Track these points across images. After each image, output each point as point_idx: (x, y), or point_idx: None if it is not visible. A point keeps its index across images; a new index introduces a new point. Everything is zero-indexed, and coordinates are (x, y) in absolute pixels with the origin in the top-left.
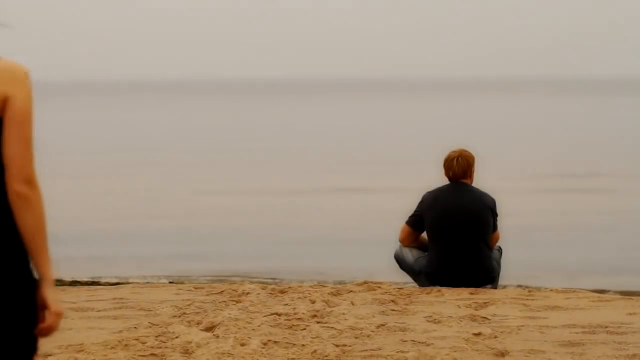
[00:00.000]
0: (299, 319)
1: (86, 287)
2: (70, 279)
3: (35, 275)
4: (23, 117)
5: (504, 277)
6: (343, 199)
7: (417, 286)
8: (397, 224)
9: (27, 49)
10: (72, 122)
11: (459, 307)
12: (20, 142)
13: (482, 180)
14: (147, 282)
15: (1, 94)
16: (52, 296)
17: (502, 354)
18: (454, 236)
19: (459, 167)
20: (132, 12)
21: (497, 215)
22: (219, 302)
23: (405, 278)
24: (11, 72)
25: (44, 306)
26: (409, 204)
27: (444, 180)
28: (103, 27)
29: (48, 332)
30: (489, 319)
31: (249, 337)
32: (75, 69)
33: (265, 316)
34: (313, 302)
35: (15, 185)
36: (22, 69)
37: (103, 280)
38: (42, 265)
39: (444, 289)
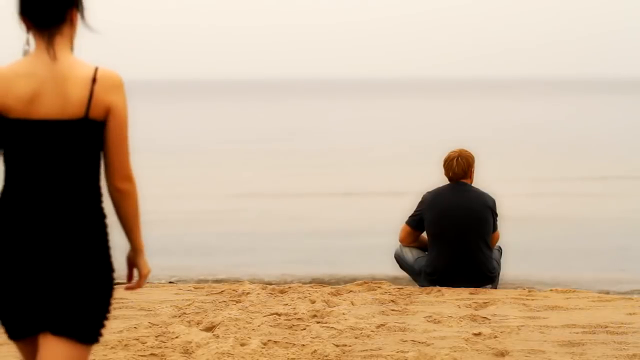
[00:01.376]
0: (299, 319)
1: None
2: None
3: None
4: (123, 122)
5: (504, 277)
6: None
7: (417, 286)
8: (397, 224)
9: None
10: None
11: (459, 307)
12: (120, 144)
13: (490, 182)
14: (147, 282)
15: (106, 102)
16: (143, 260)
17: (502, 354)
18: (454, 236)
19: (459, 167)
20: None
21: (497, 215)
22: (219, 302)
23: (405, 278)
24: (112, 81)
25: (134, 265)
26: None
27: (444, 181)
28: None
29: (136, 287)
30: (489, 319)
31: (249, 337)
32: None
33: (265, 316)
34: (313, 302)
35: (116, 182)
36: (119, 77)
37: None
38: (136, 241)
39: (444, 289)
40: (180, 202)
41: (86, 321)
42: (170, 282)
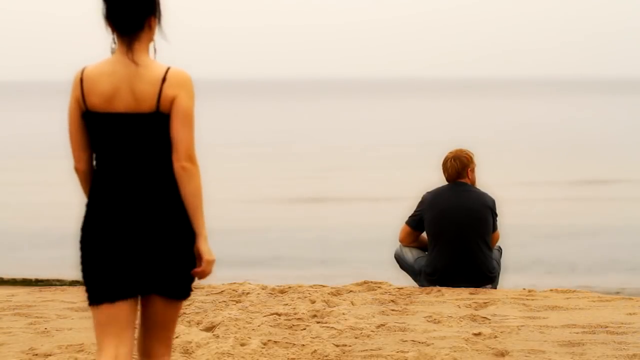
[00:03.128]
0: (299, 319)
1: None
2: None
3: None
4: (187, 111)
5: (504, 277)
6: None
7: (417, 286)
8: (397, 224)
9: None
10: None
11: (459, 307)
12: (185, 130)
13: (490, 183)
14: None
15: (172, 95)
16: (205, 248)
17: (502, 354)
18: (453, 236)
19: (452, 168)
20: None
21: (497, 215)
22: (219, 302)
23: (405, 278)
24: (178, 79)
25: (199, 255)
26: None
27: (444, 181)
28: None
29: (202, 275)
30: (489, 319)
31: (249, 337)
32: None
33: (265, 316)
34: (313, 302)
35: (181, 162)
36: (186, 75)
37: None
38: (198, 224)
39: (444, 289)
40: None
41: (179, 282)
42: None
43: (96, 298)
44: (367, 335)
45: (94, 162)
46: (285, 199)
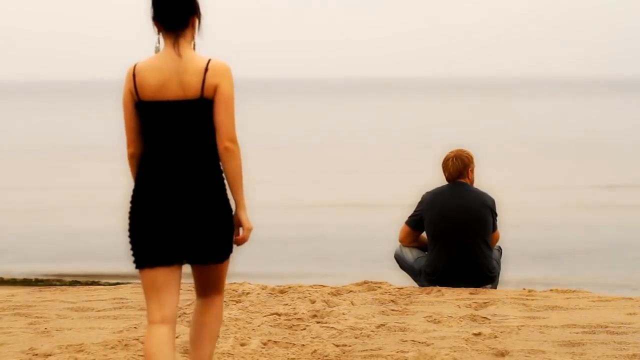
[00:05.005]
0: (299, 319)
1: (86, 287)
2: (70, 280)
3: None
4: (228, 97)
5: (504, 277)
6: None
7: (417, 286)
8: (397, 224)
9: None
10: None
11: (459, 307)
12: (227, 114)
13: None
14: None
15: (214, 83)
16: (245, 217)
17: (502, 354)
18: (453, 236)
19: (454, 167)
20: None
21: (496, 215)
22: None
23: (405, 278)
24: (219, 69)
25: (239, 224)
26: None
27: (444, 181)
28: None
29: (242, 242)
30: (489, 319)
31: (249, 337)
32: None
33: (265, 316)
34: (313, 302)
35: (224, 143)
36: (225, 65)
37: (103, 280)
38: (239, 196)
39: (444, 289)
40: None
41: (225, 247)
42: None
43: (141, 263)
44: (367, 335)
45: (144, 147)
46: (286, 199)
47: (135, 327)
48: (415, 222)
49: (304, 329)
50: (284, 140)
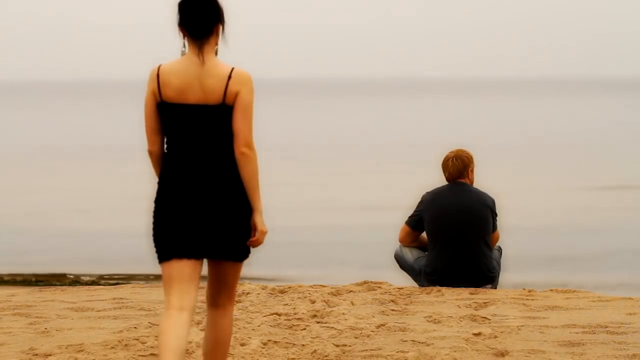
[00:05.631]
0: (299, 319)
1: (86, 287)
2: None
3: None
4: (247, 105)
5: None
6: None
7: (417, 286)
8: (397, 224)
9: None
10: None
11: (459, 307)
12: (245, 121)
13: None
14: (147, 282)
15: (236, 90)
16: (260, 220)
17: (502, 354)
18: (453, 236)
19: (454, 167)
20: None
21: (496, 215)
22: None
23: (405, 278)
24: (242, 77)
25: (254, 226)
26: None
27: (444, 181)
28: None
29: (256, 244)
30: (489, 319)
31: (249, 337)
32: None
33: (265, 316)
34: (313, 302)
35: (240, 149)
36: (248, 74)
37: (103, 280)
38: (255, 200)
39: (444, 289)
40: None
41: (238, 247)
42: None
43: (163, 256)
44: (367, 335)
45: (166, 146)
46: (288, 199)
47: (135, 327)
48: (415, 222)
49: (304, 329)
50: (286, 141)
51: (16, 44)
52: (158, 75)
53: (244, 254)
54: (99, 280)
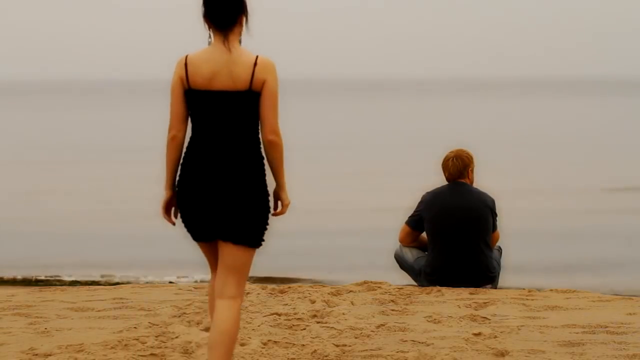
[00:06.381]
0: (299, 319)
1: (86, 287)
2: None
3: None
4: (273, 93)
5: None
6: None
7: (417, 286)
8: (397, 224)
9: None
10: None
11: (459, 307)
12: (271, 108)
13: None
14: (147, 282)
15: (262, 78)
16: (284, 195)
17: (502, 354)
18: (453, 236)
19: (454, 167)
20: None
21: (496, 215)
22: None
23: (405, 278)
24: (267, 65)
25: (278, 199)
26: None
27: (444, 181)
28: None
29: (280, 214)
30: (489, 319)
31: (249, 337)
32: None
33: (265, 316)
34: (313, 302)
35: (268, 135)
36: (272, 62)
37: (103, 280)
38: (280, 179)
39: (444, 289)
40: None
41: (253, 232)
42: (170, 282)
43: (193, 237)
44: (367, 335)
45: (191, 132)
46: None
47: (135, 327)
48: (415, 222)
49: (304, 329)
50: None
51: (66, 43)
52: (186, 64)
53: (256, 239)
54: (99, 280)
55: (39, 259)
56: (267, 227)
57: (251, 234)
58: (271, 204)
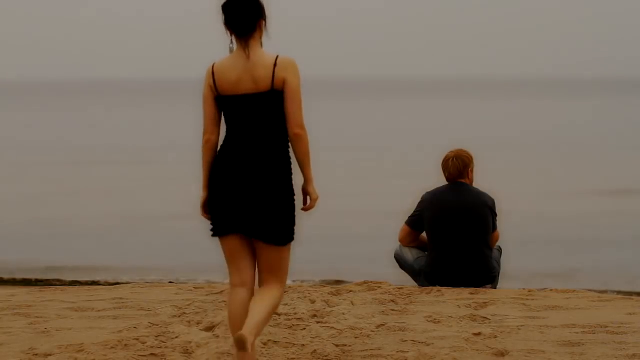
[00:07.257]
0: (299, 319)
1: (86, 287)
2: (70, 280)
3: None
4: (295, 89)
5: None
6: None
7: (417, 286)
8: (397, 224)
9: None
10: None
11: (459, 307)
12: (295, 104)
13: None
14: (147, 282)
15: (283, 77)
16: (312, 189)
17: (502, 354)
18: (453, 236)
19: (454, 167)
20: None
21: (496, 215)
22: (219, 302)
23: (405, 278)
24: (287, 63)
25: (307, 193)
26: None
27: (444, 181)
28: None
29: (309, 209)
30: (489, 319)
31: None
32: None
33: None
34: (313, 302)
35: (293, 130)
36: (292, 60)
37: (103, 280)
38: (307, 173)
39: (444, 289)
40: (180, 202)
41: (279, 231)
42: (170, 282)
43: (217, 232)
44: (367, 335)
45: (225, 134)
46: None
47: (135, 327)
48: (415, 222)
49: (304, 329)
50: None
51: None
52: (213, 72)
53: (285, 238)
54: (99, 280)
55: (39, 260)
56: (294, 224)
57: (278, 233)
58: (298, 201)
